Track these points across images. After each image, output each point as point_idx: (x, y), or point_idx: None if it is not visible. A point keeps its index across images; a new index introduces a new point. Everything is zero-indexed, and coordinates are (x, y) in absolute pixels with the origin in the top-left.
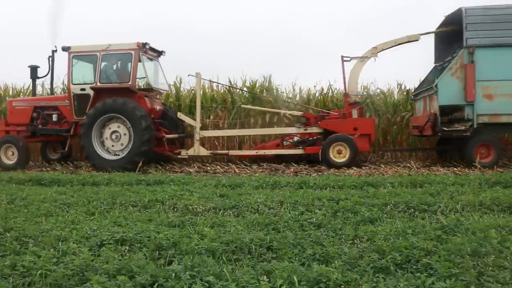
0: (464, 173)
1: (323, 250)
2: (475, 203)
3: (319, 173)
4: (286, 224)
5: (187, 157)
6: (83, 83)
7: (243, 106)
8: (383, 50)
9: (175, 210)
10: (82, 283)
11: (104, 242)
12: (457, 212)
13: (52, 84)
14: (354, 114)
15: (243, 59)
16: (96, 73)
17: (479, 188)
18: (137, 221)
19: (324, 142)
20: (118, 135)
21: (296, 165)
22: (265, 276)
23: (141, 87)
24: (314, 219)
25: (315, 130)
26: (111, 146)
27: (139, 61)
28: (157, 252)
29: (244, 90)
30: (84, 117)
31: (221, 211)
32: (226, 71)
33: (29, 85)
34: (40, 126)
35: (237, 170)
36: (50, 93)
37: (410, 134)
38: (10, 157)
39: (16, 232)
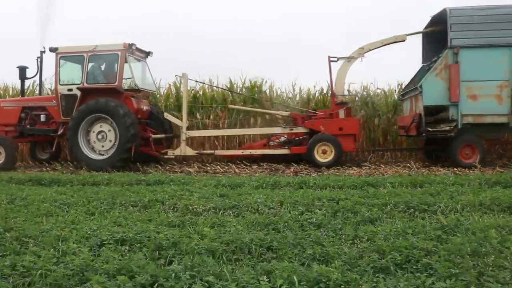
0: (464, 173)
1: (323, 250)
2: (475, 203)
3: (319, 173)
4: (286, 224)
5: (173, 157)
6: (70, 84)
7: (230, 106)
8: (370, 50)
9: (175, 210)
10: (82, 283)
11: (104, 242)
12: (457, 212)
13: (40, 85)
14: (341, 114)
15: (243, 59)
16: (83, 73)
17: (479, 188)
18: (137, 221)
19: (309, 142)
20: (104, 135)
21: (296, 165)
22: (265, 276)
23: (131, 87)
24: (314, 219)
25: (300, 130)
26: (99, 146)
27: (126, 61)
28: (157, 252)
29: (231, 90)
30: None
31: (221, 211)
32: (226, 71)
33: (29, 85)
34: (28, 126)
35: (237, 170)
36: (38, 93)
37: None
38: None
39: (16, 232)
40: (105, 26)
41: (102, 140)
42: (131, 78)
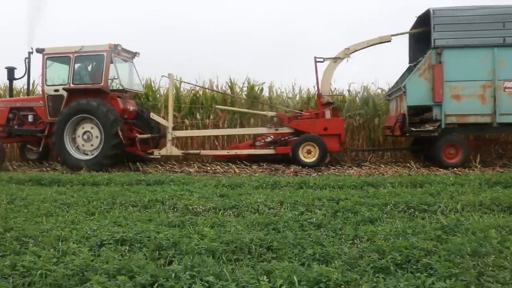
0: (464, 173)
1: (323, 250)
2: (475, 203)
3: (319, 173)
4: (286, 224)
5: (159, 157)
6: (56, 84)
7: (217, 107)
8: (355, 51)
9: (175, 210)
10: (82, 283)
11: (104, 242)
12: (457, 212)
13: (28, 86)
14: (327, 114)
15: (243, 59)
16: (69, 74)
17: (479, 188)
18: (137, 221)
19: (293, 142)
20: (89, 135)
21: (295, 165)
22: (265, 276)
23: (120, 87)
24: (314, 219)
25: (286, 130)
26: (83, 146)
27: (111, 62)
28: (157, 252)
29: (217, 90)
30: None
31: (221, 211)
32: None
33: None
34: (16, 126)
35: (237, 170)
36: (26, 94)
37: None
38: None
39: (16, 232)
40: (105, 26)
41: (87, 140)
42: (116, 79)
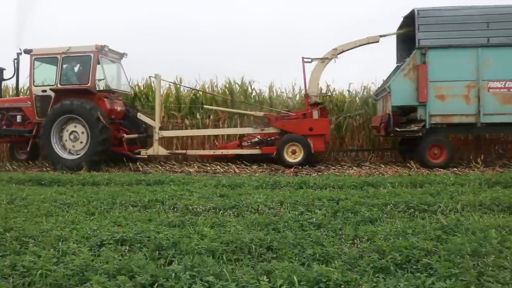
0: (464, 173)
1: (323, 250)
2: (475, 203)
3: (319, 173)
4: (286, 224)
5: (146, 156)
6: (44, 85)
7: (205, 107)
8: (343, 51)
9: (175, 210)
10: (82, 283)
11: (104, 242)
12: (457, 212)
13: (17, 86)
14: (315, 114)
15: (243, 59)
16: (57, 75)
17: (479, 188)
18: (137, 221)
19: (278, 142)
20: (76, 135)
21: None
22: (265, 276)
23: (110, 88)
24: (314, 219)
25: (271, 130)
26: (72, 146)
27: (98, 63)
28: (157, 252)
29: (205, 91)
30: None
31: (221, 211)
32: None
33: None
34: (4, 127)
35: (237, 170)
36: (16, 94)
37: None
38: None
39: (16, 232)
40: (106, 26)
41: (74, 140)
42: (103, 79)
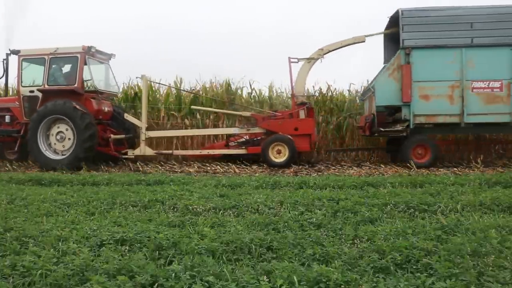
0: (464, 173)
1: (323, 250)
2: (475, 203)
3: (319, 173)
4: (286, 224)
5: (133, 157)
6: (32, 85)
7: (193, 107)
8: (329, 51)
9: (175, 210)
10: (82, 283)
11: (104, 242)
12: (457, 212)
13: (7, 86)
14: (302, 114)
15: (243, 59)
16: (44, 75)
17: (479, 188)
18: (137, 221)
19: (263, 143)
20: (63, 135)
21: (295, 165)
22: (265, 276)
23: (97, 89)
24: (314, 219)
25: (257, 130)
26: (57, 146)
27: (85, 64)
28: (157, 252)
29: (190, 91)
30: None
31: (221, 211)
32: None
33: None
34: None
35: (237, 170)
36: (4, 94)
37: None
38: None
39: (16, 232)
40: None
41: (61, 140)
42: (90, 80)
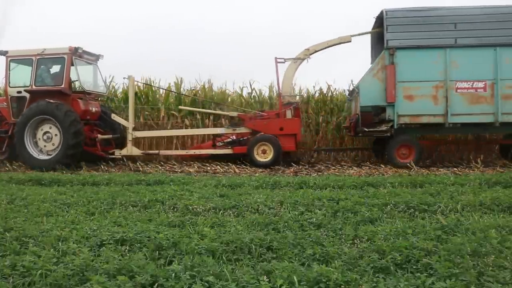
0: (464, 173)
1: (323, 250)
2: (475, 203)
3: (319, 173)
4: (286, 224)
5: (120, 157)
6: (19, 86)
7: (180, 107)
8: (315, 51)
9: (175, 210)
10: (82, 283)
11: (104, 242)
12: (457, 212)
13: None
14: (288, 114)
15: (243, 59)
16: (32, 76)
17: (479, 188)
18: (137, 221)
19: (249, 142)
20: (49, 135)
21: (296, 165)
22: (265, 276)
23: (83, 89)
24: (314, 219)
25: (243, 130)
26: (45, 146)
27: (72, 64)
28: (157, 252)
29: (174, 91)
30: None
31: (221, 211)
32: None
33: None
34: None
35: (237, 170)
36: None
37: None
38: None
39: (16, 232)
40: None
41: (47, 140)
42: (76, 81)
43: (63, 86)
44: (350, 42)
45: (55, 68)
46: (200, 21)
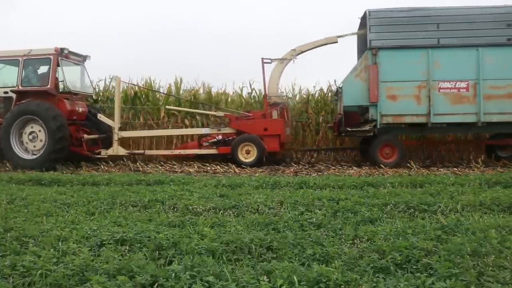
0: (464, 173)
1: (323, 250)
2: (475, 203)
3: (319, 173)
4: (286, 224)
5: (106, 156)
6: (6, 87)
7: (167, 107)
8: (302, 52)
9: (175, 210)
10: (82, 283)
11: (104, 242)
12: (457, 212)
13: None
14: (275, 115)
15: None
16: (18, 77)
17: (479, 188)
18: (137, 221)
19: (233, 143)
20: (35, 135)
21: (296, 165)
22: (265, 276)
23: (69, 90)
24: (314, 219)
25: (228, 130)
26: (31, 146)
27: (58, 65)
28: (157, 252)
29: (164, 93)
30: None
31: (221, 211)
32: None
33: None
34: None
35: (237, 170)
36: None
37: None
38: None
39: (16, 232)
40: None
41: (33, 140)
42: (62, 81)
43: (49, 86)
44: (337, 43)
45: (42, 69)
46: (200, 21)
